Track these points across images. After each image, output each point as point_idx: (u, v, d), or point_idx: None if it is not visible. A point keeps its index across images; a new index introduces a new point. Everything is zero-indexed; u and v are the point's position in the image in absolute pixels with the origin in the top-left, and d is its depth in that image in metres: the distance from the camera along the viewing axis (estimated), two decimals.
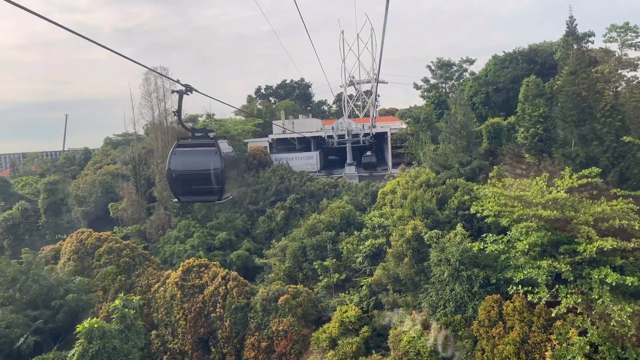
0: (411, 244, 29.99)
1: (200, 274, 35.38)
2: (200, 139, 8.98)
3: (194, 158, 8.80)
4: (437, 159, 47.00)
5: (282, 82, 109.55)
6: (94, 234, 40.12)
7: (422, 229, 30.73)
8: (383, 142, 66.58)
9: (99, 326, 20.67)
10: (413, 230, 30.41)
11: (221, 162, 8.50)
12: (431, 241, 29.44)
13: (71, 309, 26.10)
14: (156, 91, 51.31)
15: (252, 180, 53.23)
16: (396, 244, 30.43)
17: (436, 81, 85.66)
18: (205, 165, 8.71)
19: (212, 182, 8.62)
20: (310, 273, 37.33)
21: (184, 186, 8.80)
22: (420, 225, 30.94)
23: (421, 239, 30.25)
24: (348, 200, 45.39)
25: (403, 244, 30.02)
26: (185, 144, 8.99)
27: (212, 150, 8.67)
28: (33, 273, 26.26)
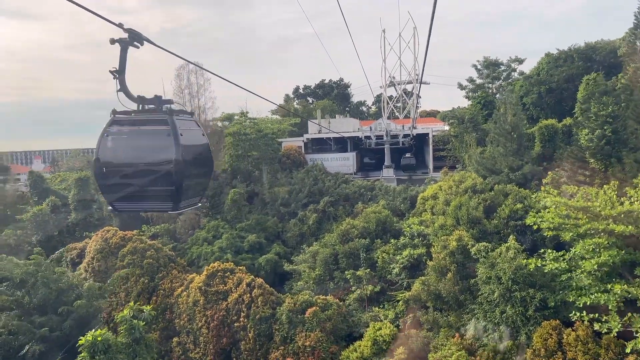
0: (455, 258, 26.39)
1: (224, 279, 32.83)
2: (150, 115, 5.87)
3: (136, 143, 5.68)
4: (484, 163, 42.98)
5: (321, 82, 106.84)
6: (119, 232, 38.29)
7: (468, 240, 27.08)
8: (424, 144, 62.66)
9: (103, 339, 18.28)
10: (458, 241, 26.80)
11: (177, 151, 5.44)
12: (479, 255, 25.78)
13: (80, 316, 24.05)
14: (189, 87, 49.44)
15: (285, 181, 50.54)
16: (438, 256, 26.88)
17: (482, 81, 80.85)
18: (153, 156, 5.67)
19: (161, 182, 5.60)
20: (341, 283, 34.17)
21: (120, 188, 5.77)
22: (466, 237, 27.29)
23: (467, 252, 26.61)
24: (385, 204, 41.96)
25: (446, 256, 26.45)
26: (125, 120, 5.84)
27: (163, 132, 5.59)
28: (41, 276, 24.30)
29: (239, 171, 53.09)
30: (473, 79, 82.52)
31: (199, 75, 49.16)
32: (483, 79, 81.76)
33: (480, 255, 25.77)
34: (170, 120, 5.51)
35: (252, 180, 52.37)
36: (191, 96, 49.19)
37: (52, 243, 43.87)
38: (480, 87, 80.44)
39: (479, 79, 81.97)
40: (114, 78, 5.50)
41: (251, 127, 56.12)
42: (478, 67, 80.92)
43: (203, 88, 49.39)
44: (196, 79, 49.20)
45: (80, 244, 39.57)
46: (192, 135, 5.82)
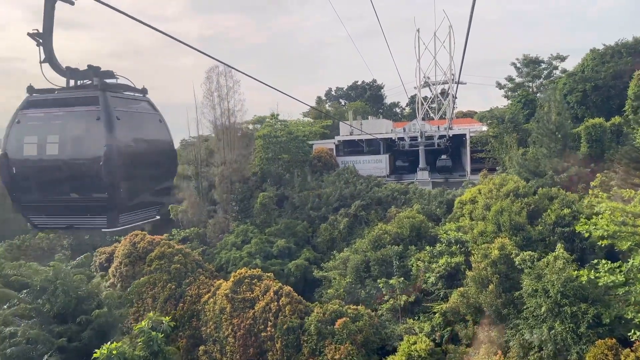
0: (498, 268, 24.24)
1: (251, 286, 31.57)
2: (76, 92, 4.24)
3: (57, 132, 4.06)
4: (527, 165, 40.42)
5: (353, 84, 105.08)
6: (147, 237, 37.65)
7: (512, 249, 24.88)
8: (460, 145, 60.05)
9: (118, 352, 17.22)
10: (500, 250, 24.64)
11: (109, 142, 3.86)
12: (523, 265, 23.58)
13: (100, 325, 23.21)
14: (218, 90, 48.66)
15: (315, 184, 49.10)
16: (478, 266, 24.79)
17: (522, 80, 77.39)
18: (78, 150, 4.07)
19: (89, 188, 4.04)
20: (374, 292, 32.38)
21: (35, 195, 4.20)
22: (509, 245, 25.09)
23: (510, 261, 24.42)
24: (419, 209, 39.90)
25: (487, 266, 24.34)
26: (44, 101, 4.22)
27: (92, 115, 3.98)
28: (60, 283, 23.54)
29: (270, 174, 52.01)
30: (512, 78, 79.15)
31: (228, 78, 48.39)
32: (523, 78, 78.28)
33: (525, 265, 23.57)
34: (102, 98, 3.94)
35: (283, 184, 51.17)
36: (220, 98, 48.44)
37: (84, 247, 43.73)
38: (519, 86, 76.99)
39: (518, 78, 78.53)
40: (37, 45, 3.98)
41: (282, 130, 55.02)
42: (517, 65, 77.49)
43: (232, 90, 48.56)
44: (225, 81, 48.43)
45: (109, 247, 39.19)
46: (139, 121, 4.27)
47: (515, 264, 23.94)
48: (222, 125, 48.75)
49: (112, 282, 36.57)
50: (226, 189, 46.60)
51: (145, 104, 4.46)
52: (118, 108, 3.99)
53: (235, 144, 49.87)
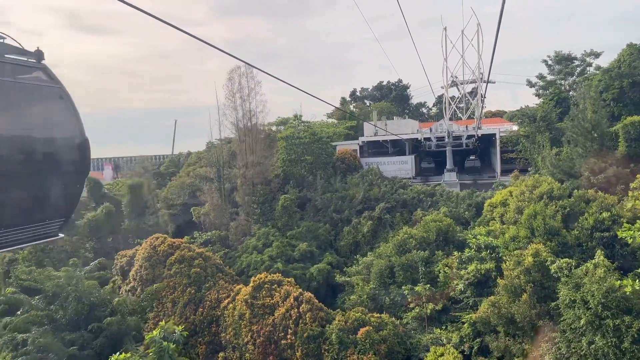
0: (532, 276, 22.58)
1: (271, 291, 30.58)
2: None
3: None
4: (561, 165, 38.41)
5: (378, 84, 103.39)
6: (168, 240, 37.11)
7: (547, 255, 23.16)
8: (490, 145, 57.92)
9: None
10: (534, 256, 22.96)
11: None
12: (560, 274, 21.87)
13: (113, 333, 22.53)
14: (240, 91, 47.95)
15: (339, 186, 47.87)
16: (510, 274, 23.16)
17: (554, 77, 74.50)
18: None
19: None
20: (398, 299, 30.95)
21: None
22: (544, 251, 23.38)
23: (546, 269, 22.73)
24: (446, 212, 38.28)
25: (520, 274, 22.71)
26: None
27: None
28: (71, 289, 22.94)
29: (292, 176, 51.08)
30: (543, 76, 76.33)
31: (250, 79, 47.66)
32: (555, 75, 75.39)
33: (561, 273, 21.85)
34: None
35: (305, 186, 50.15)
36: (242, 100, 47.72)
37: (106, 249, 43.63)
38: (551, 84, 74.15)
39: (550, 75, 75.67)
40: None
41: (305, 131, 54.02)
42: (549, 62, 74.63)
43: (254, 91, 47.80)
44: (247, 82, 47.69)
45: (130, 251, 38.84)
46: (26, 97, 3.11)
47: (551, 272, 22.24)
48: (244, 126, 48.01)
49: (133, 285, 36.15)
50: (248, 191, 45.84)
51: (40, 74, 3.28)
52: None
53: (257, 145, 49.08)
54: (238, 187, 46.56)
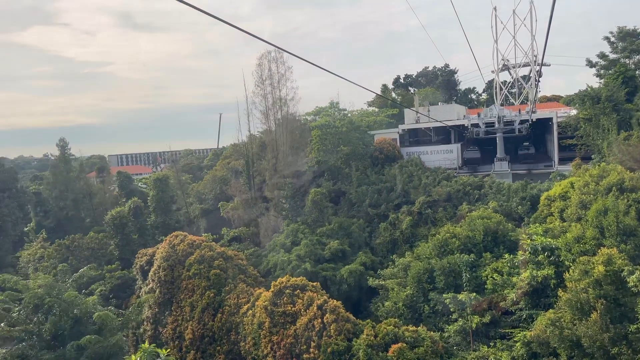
0: (603, 289, 17.94)
1: (293, 298, 27.17)
2: None
3: None
4: (631, 152, 32.92)
5: (424, 70, 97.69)
6: (188, 238, 34.45)
7: (622, 263, 18.42)
8: (545, 131, 52.07)
9: None
10: (606, 265, 18.29)
11: None
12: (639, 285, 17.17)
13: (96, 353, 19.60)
14: (270, 77, 44.66)
15: (376, 178, 43.83)
16: (576, 285, 18.60)
17: (617, 56, 66.76)
18: None
19: None
20: (440, 307, 26.78)
21: None
22: (619, 258, 18.63)
23: (621, 281, 18.03)
24: (496, 207, 33.59)
25: (589, 287, 18.12)
26: None
27: None
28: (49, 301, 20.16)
29: (327, 168, 47.50)
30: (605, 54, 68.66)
31: (280, 64, 44.32)
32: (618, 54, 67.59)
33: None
34: None
35: (340, 179, 46.46)
36: (272, 87, 44.47)
37: (132, 247, 41.68)
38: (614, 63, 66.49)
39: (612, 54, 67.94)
40: None
41: (341, 120, 50.22)
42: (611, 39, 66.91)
43: (284, 78, 44.44)
44: (277, 68, 44.35)
45: (151, 249, 36.55)
46: None
47: (628, 285, 17.53)
48: (274, 115, 44.78)
49: (151, 287, 33.80)
50: (278, 185, 42.64)
51: None
52: None
53: (289, 135, 45.76)
54: (267, 180, 43.44)
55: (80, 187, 58.38)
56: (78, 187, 58.31)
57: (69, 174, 58.72)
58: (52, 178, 59.35)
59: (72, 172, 59.42)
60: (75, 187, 58.20)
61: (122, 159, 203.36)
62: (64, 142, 59.81)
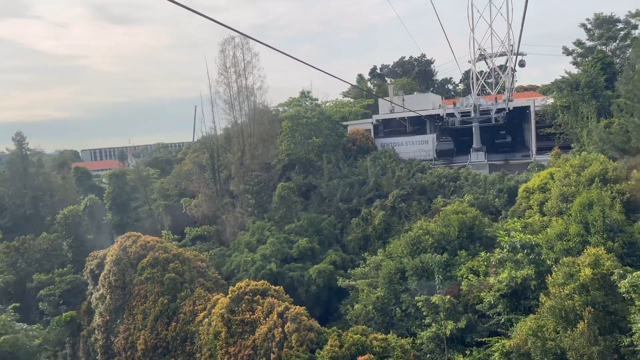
0: (591, 295, 15.71)
1: (252, 304, 24.53)
2: None
3: None
4: (613, 140, 30.96)
5: (400, 60, 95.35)
6: (141, 239, 31.45)
7: (611, 265, 16.20)
8: (523, 120, 50.16)
9: None
10: (594, 267, 16.05)
11: None
12: (634, 294, 14.95)
13: None
14: (234, 65, 41.65)
15: (348, 171, 41.30)
16: (560, 291, 16.33)
17: (594, 43, 65.24)
18: None
19: None
20: (412, 310, 24.48)
21: None
22: (608, 259, 16.41)
23: (611, 286, 15.82)
24: (472, 200, 31.40)
25: (574, 292, 15.87)
26: None
27: None
28: None
29: (298, 161, 44.81)
30: (582, 42, 67.01)
31: (246, 51, 41.31)
32: (595, 41, 66.06)
33: (635, 292, 14.92)
34: None
35: (312, 172, 43.82)
36: (237, 75, 41.45)
37: (87, 248, 38.41)
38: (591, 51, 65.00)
39: (589, 42, 66.38)
40: None
41: (312, 110, 47.50)
42: (588, 26, 65.29)
43: (251, 65, 41.45)
44: (242, 55, 41.34)
45: (102, 251, 33.42)
46: None
47: (620, 291, 15.30)
48: (240, 105, 41.81)
49: (102, 293, 30.79)
50: (244, 179, 39.80)
51: None
52: None
53: (257, 127, 42.85)
54: (233, 174, 40.57)
55: (39, 183, 54.58)
56: (37, 183, 54.50)
57: (26, 170, 54.82)
58: (8, 174, 55.35)
59: (31, 167, 55.52)
60: (34, 183, 54.38)
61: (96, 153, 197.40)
62: (20, 137, 55.74)
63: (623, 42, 63.12)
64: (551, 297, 16.46)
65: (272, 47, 8.84)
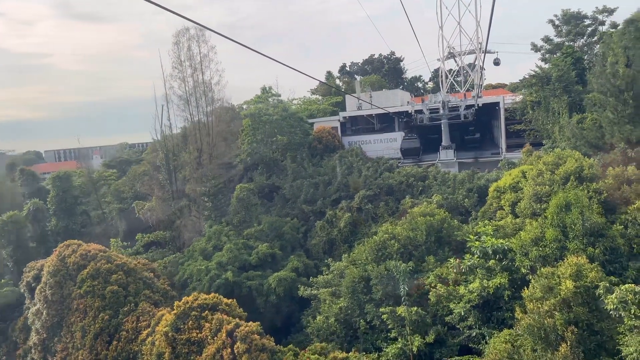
0: (573, 312, 13.63)
1: (200, 321, 21.82)
2: None
3: None
4: (585, 136, 29.38)
5: (369, 57, 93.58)
6: (82, 248, 28.26)
7: (595, 276, 14.17)
8: (492, 117, 48.69)
9: None
10: (576, 279, 13.99)
11: None
12: (623, 311, 12.92)
13: None
14: (190, 58, 38.65)
15: (313, 171, 38.87)
16: (538, 307, 14.20)
17: (562, 39, 64.50)
18: None
19: None
20: (377, 322, 22.20)
21: None
22: (592, 270, 14.38)
23: (595, 300, 13.78)
24: (440, 200, 29.33)
25: (555, 309, 13.77)
26: None
27: None
28: None
29: (262, 160, 42.15)
30: (550, 38, 66.20)
31: (202, 43, 38.38)
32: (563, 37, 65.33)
33: (625, 311, 12.89)
34: None
35: (277, 172, 41.23)
36: (193, 69, 38.48)
37: (30, 257, 34.90)
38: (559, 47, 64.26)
39: (557, 38, 65.60)
40: None
41: (275, 107, 44.88)
42: (556, 22, 64.50)
43: (207, 59, 38.54)
44: (198, 48, 38.39)
45: (41, 261, 30.14)
46: None
47: (606, 308, 13.26)
48: (197, 102, 38.85)
49: (38, 308, 27.54)
50: (201, 181, 36.91)
51: None
52: None
53: (216, 124, 39.96)
54: (188, 175, 37.61)
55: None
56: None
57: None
58: None
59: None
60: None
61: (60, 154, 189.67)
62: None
63: (591, 38, 62.36)
64: (529, 314, 14.33)
65: (240, 43, 8.18)
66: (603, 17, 62.74)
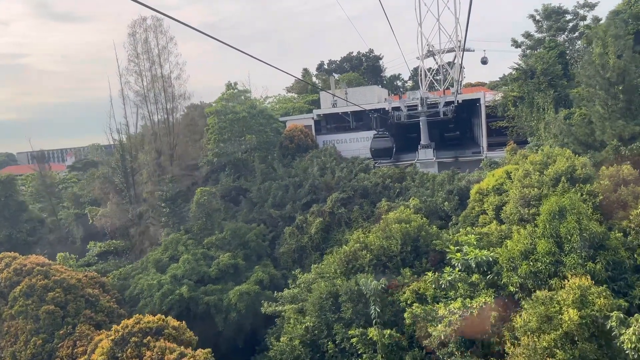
0: (579, 349, 10.89)
1: (141, 348, 18.67)
2: None
3: None
4: (575, 132, 26.97)
5: (348, 55, 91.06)
6: (17, 261, 24.86)
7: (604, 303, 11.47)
8: (472, 115, 46.33)
9: None
10: (580, 306, 11.29)
11: None
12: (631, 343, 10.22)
13: None
14: (148, 52, 35.33)
15: (283, 172, 35.88)
16: (535, 342, 11.43)
17: (543, 35, 62.66)
18: None
19: None
20: (346, 345, 19.35)
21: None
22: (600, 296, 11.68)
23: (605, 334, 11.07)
24: (418, 204, 26.58)
25: (555, 345, 11.01)
26: None
27: None
28: None
29: (229, 161, 39.00)
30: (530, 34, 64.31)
31: (160, 34, 35.13)
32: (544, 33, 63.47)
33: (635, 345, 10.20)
34: None
35: (245, 173, 38.14)
36: (151, 62, 35.20)
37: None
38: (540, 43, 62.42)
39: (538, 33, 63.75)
40: None
41: (242, 104, 41.72)
42: (537, 18, 62.60)
43: (166, 51, 35.31)
44: (156, 39, 35.11)
45: None
46: None
47: (620, 344, 10.55)
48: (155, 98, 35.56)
49: None
50: (159, 184, 33.64)
51: None
52: None
53: (178, 123, 36.74)
54: (146, 179, 34.29)
55: None
56: None
57: None
58: None
59: None
60: None
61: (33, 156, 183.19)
62: None
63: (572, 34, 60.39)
64: (522, 349, 11.59)
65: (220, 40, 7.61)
66: (584, 12, 60.61)
